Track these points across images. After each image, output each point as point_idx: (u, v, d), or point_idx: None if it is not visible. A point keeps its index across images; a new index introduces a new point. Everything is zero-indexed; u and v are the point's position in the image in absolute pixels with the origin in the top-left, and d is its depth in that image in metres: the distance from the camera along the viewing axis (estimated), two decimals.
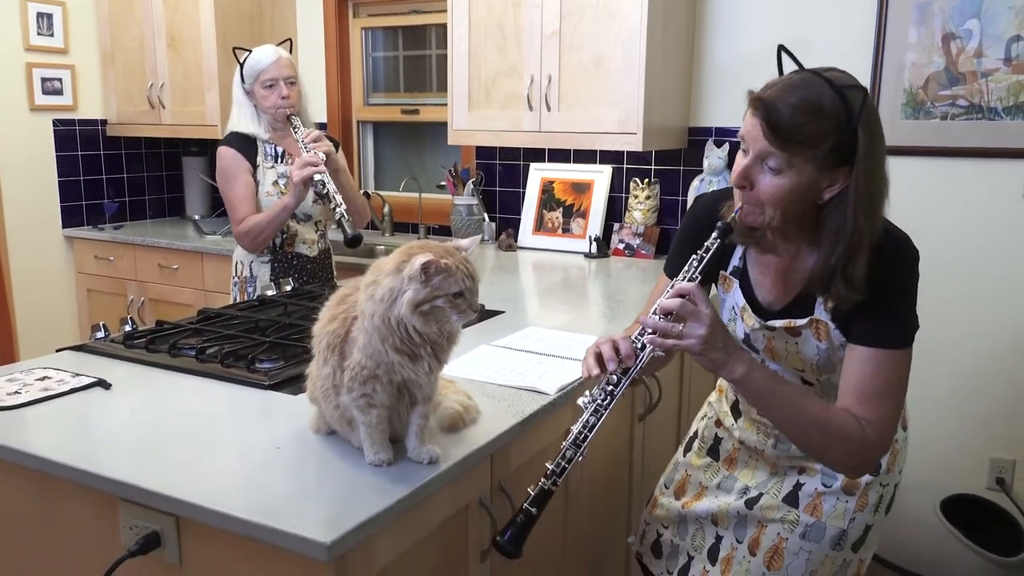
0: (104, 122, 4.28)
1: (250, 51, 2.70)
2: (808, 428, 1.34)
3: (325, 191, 2.53)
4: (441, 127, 3.55)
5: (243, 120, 2.70)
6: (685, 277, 1.35)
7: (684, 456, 1.77)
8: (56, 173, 4.12)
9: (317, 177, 2.52)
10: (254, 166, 2.67)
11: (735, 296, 1.52)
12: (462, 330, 1.32)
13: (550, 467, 1.34)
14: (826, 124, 1.24)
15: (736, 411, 1.65)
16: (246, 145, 2.67)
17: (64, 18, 4.04)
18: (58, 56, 4.06)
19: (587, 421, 1.36)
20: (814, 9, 3.00)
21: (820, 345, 1.42)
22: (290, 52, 2.74)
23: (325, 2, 4.09)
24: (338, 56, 4.13)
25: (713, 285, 1.60)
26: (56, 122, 4.09)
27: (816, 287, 1.35)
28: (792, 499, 1.53)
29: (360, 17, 4.15)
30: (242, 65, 2.68)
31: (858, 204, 1.28)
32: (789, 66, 1.34)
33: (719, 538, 1.62)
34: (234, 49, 2.76)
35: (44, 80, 4.00)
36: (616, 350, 1.35)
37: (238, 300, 2.75)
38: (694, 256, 1.37)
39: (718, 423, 1.71)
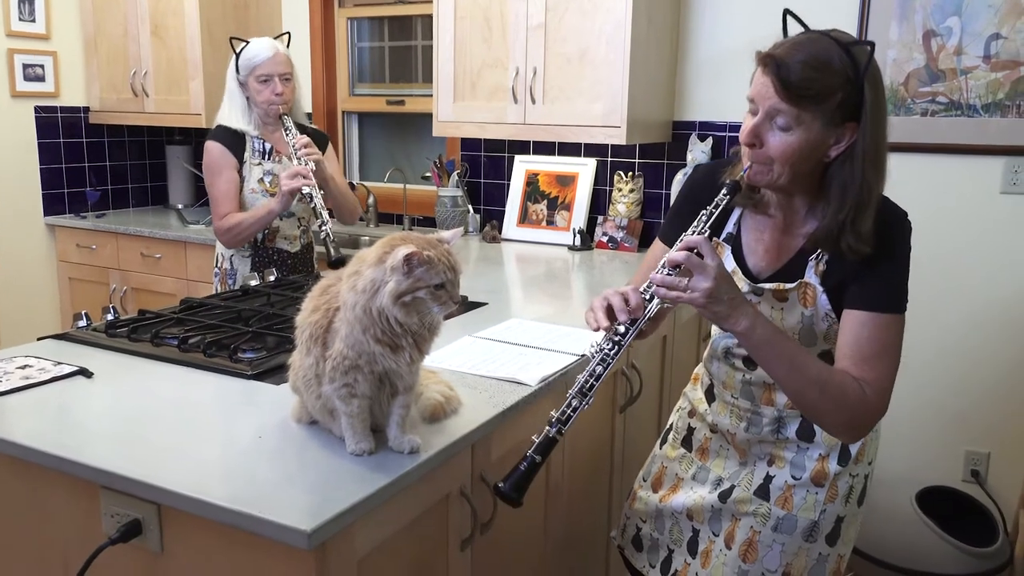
0: (87, 109, 4.25)
1: (247, 42, 2.66)
2: (807, 385, 1.35)
3: (312, 205, 2.53)
4: (426, 118, 3.55)
5: (234, 113, 2.67)
6: (694, 231, 1.38)
7: (660, 448, 1.79)
8: (38, 160, 4.09)
9: (306, 190, 2.51)
10: (240, 162, 2.66)
11: (727, 261, 1.54)
12: (444, 321, 1.33)
13: (555, 415, 1.37)
14: (835, 79, 1.28)
15: (710, 395, 1.67)
16: (234, 140, 2.66)
17: (46, 4, 4.00)
18: (40, 42, 4.02)
19: (594, 370, 1.38)
20: (797, 4, 2.99)
21: (805, 312, 1.44)
22: (288, 46, 2.72)
23: None
24: (323, 46, 4.12)
25: None
26: (38, 109, 4.05)
27: (825, 243, 1.38)
28: (763, 492, 1.55)
29: (346, 7, 4.14)
30: (238, 55, 2.65)
31: (866, 158, 1.31)
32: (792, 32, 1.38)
33: (696, 531, 1.64)
34: (231, 39, 2.73)
35: (26, 66, 3.96)
36: (626, 301, 1.38)
37: (219, 291, 2.75)
38: (703, 212, 1.40)
39: (692, 413, 1.73)
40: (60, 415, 1.48)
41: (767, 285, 1.46)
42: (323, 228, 2.51)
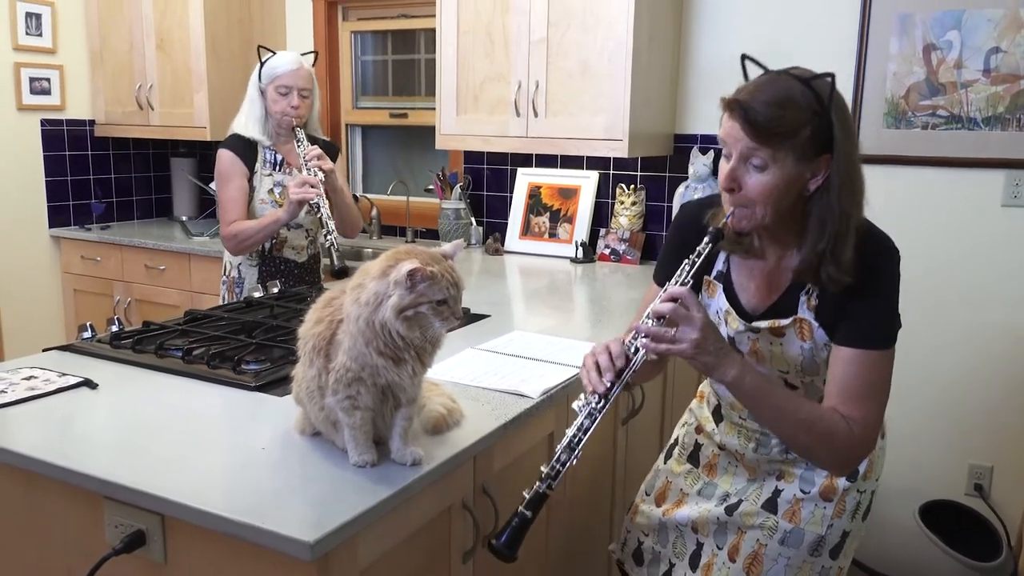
0: (92, 122, 4.28)
1: (274, 52, 2.72)
2: (795, 427, 1.38)
3: (319, 215, 2.57)
4: (429, 131, 3.57)
5: (250, 121, 2.70)
6: (677, 281, 1.38)
7: (665, 463, 1.78)
8: (43, 173, 4.11)
9: (313, 201, 2.55)
10: (251, 171, 2.69)
11: (719, 300, 1.55)
12: (447, 334, 1.34)
13: (544, 470, 1.37)
14: (801, 114, 1.29)
15: (718, 415, 1.67)
16: (246, 149, 2.69)
17: (53, 18, 4.04)
18: (47, 56, 4.05)
19: (581, 424, 1.38)
20: (798, 19, 3.03)
21: (804, 345, 1.45)
22: (313, 64, 2.77)
23: (315, 5, 4.11)
24: (327, 59, 4.14)
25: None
26: (44, 122, 4.08)
27: (806, 275, 1.39)
28: (771, 505, 1.55)
29: (349, 21, 4.17)
30: (262, 64, 2.70)
31: (841, 187, 1.32)
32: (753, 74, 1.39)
33: (700, 544, 1.64)
34: (259, 47, 2.77)
35: (32, 80, 4.00)
36: (610, 356, 1.38)
37: (226, 300, 2.78)
38: (686, 261, 1.40)
39: (699, 429, 1.73)
40: (65, 426, 1.49)
41: (762, 324, 1.47)
42: (328, 237, 2.57)
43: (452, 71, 3.31)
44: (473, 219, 3.73)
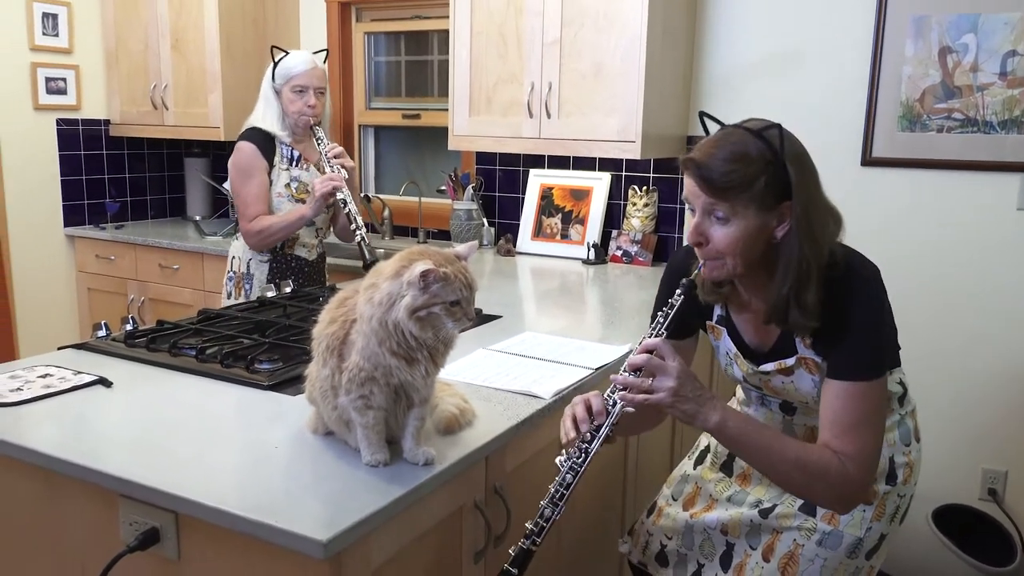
0: (107, 122, 4.31)
1: (287, 52, 2.73)
2: (788, 469, 1.39)
3: (347, 211, 2.61)
4: (442, 132, 3.58)
5: (268, 118, 2.72)
6: (652, 333, 1.41)
7: (695, 469, 1.77)
8: (59, 172, 4.14)
9: (339, 195, 2.59)
10: (270, 165, 2.71)
11: (726, 343, 1.57)
12: (460, 334, 1.34)
13: (529, 526, 1.37)
14: (754, 166, 1.32)
15: None
16: (266, 143, 2.70)
17: (69, 18, 4.07)
18: (63, 56, 4.08)
19: (564, 479, 1.39)
20: (812, 21, 3.02)
21: (815, 378, 1.46)
22: (325, 62, 2.79)
23: (328, 6, 4.12)
24: (341, 60, 4.16)
25: (703, 332, 1.65)
26: (60, 121, 4.11)
27: (775, 319, 1.40)
28: (809, 508, 1.53)
29: (363, 22, 4.18)
30: (276, 64, 2.71)
31: (801, 233, 1.35)
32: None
33: (730, 545, 1.63)
34: (272, 47, 2.79)
35: (48, 80, 4.03)
36: (589, 410, 1.40)
37: (233, 296, 2.79)
38: (659, 312, 1.44)
39: None
40: (80, 424, 1.50)
41: (769, 367, 1.49)
42: (357, 232, 2.60)
43: (465, 72, 3.31)
44: (485, 220, 3.73)
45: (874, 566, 1.58)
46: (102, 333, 2.00)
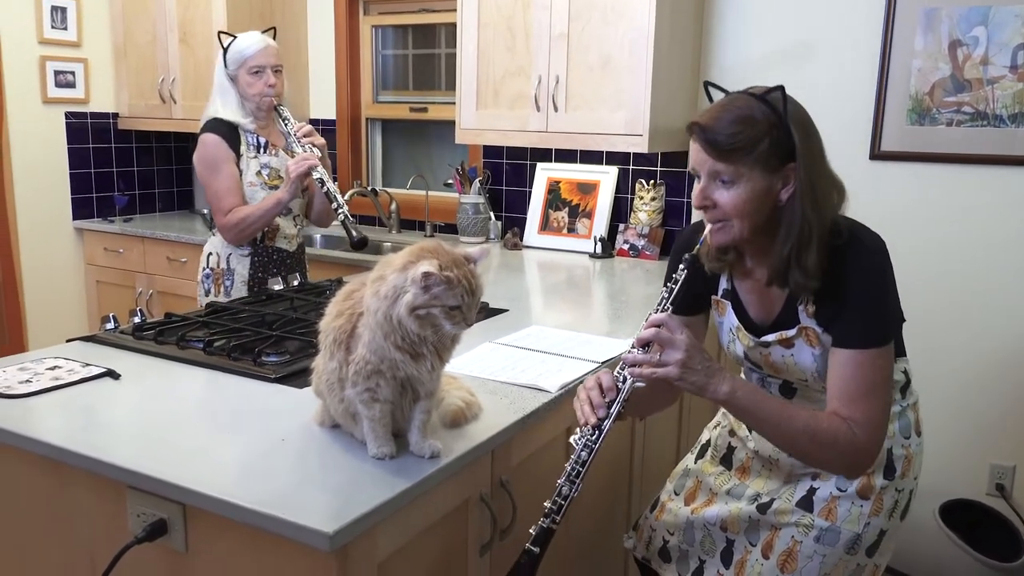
0: (115, 115, 4.32)
1: (235, 36, 2.63)
2: (797, 436, 1.39)
3: (325, 190, 2.51)
4: (449, 125, 3.57)
5: (227, 106, 2.60)
6: (657, 309, 1.42)
7: (696, 463, 1.77)
8: (68, 165, 4.16)
9: (316, 174, 2.49)
10: (237, 155, 2.60)
11: (730, 318, 1.57)
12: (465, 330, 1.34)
13: (548, 505, 1.39)
14: (758, 128, 1.35)
15: None
16: (230, 133, 2.59)
17: (78, 12, 4.08)
18: (71, 49, 4.09)
19: (579, 457, 1.40)
20: (821, 14, 3.01)
21: (814, 351, 1.46)
22: (274, 39, 2.67)
23: None
24: (348, 53, 4.16)
25: (710, 310, 1.65)
26: (68, 115, 4.13)
27: (776, 280, 1.42)
28: (806, 503, 1.54)
29: (370, 15, 4.18)
30: (226, 50, 2.61)
31: (804, 195, 1.37)
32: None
33: (730, 541, 1.63)
34: (219, 33, 2.69)
35: (57, 73, 4.04)
36: (601, 389, 1.42)
37: (212, 294, 2.68)
38: (664, 287, 1.45)
39: (732, 433, 1.72)
40: (88, 416, 1.51)
41: (770, 337, 1.49)
42: (340, 211, 2.49)
43: (472, 65, 3.31)
44: (492, 214, 3.73)
45: (879, 564, 1.57)
46: (110, 326, 2.01)
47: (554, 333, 2.12)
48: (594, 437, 1.41)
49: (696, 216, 1.58)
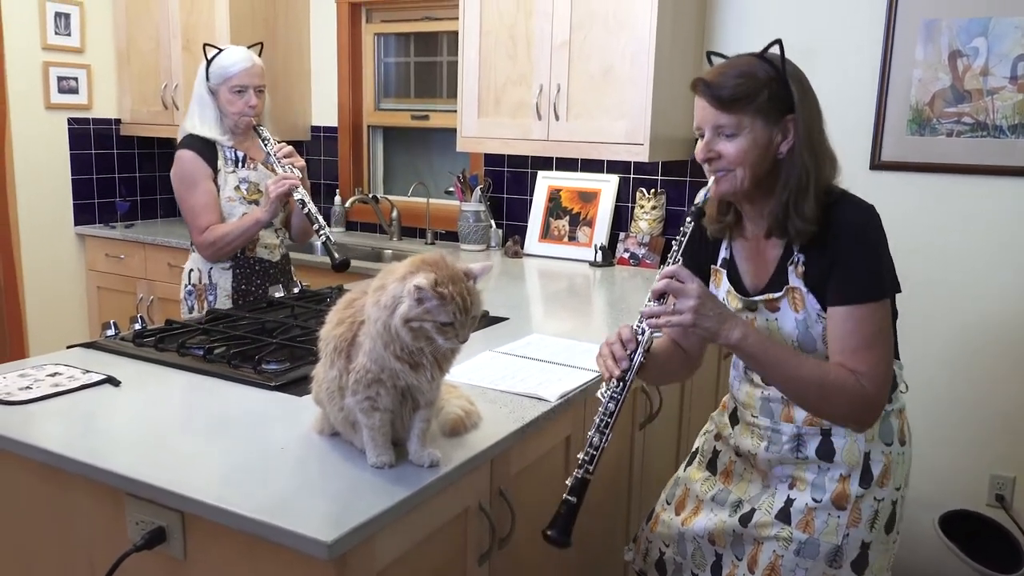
0: (118, 121, 4.33)
1: (220, 49, 2.58)
2: (806, 384, 1.42)
3: (307, 211, 2.47)
4: (450, 133, 3.58)
5: (205, 122, 2.56)
6: (669, 262, 1.47)
7: (684, 471, 1.79)
8: (70, 171, 4.17)
9: (296, 196, 2.46)
10: (215, 171, 2.56)
11: (724, 285, 1.60)
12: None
13: (581, 457, 1.43)
14: (758, 80, 1.42)
15: (734, 419, 1.68)
16: (206, 149, 2.55)
17: (81, 18, 4.09)
18: (74, 55, 4.11)
19: (607, 408, 1.45)
20: (822, 23, 3.01)
21: (797, 317, 1.48)
22: (260, 55, 2.63)
23: (339, 7, 4.13)
24: (350, 61, 4.17)
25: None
26: (71, 120, 4.14)
27: (776, 229, 1.46)
28: (784, 516, 1.54)
29: (373, 23, 4.19)
30: (209, 62, 2.56)
31: (803, 144, 1.43)
32: None
33: (719, 556, 1.64)
34: (205, 45, 2.61)
35: (60, 79, 4.05)
36: (622, 342, 1.47)
37: (196, 310, 2.62)
38: (673, 241, 1.52)
39: (718, 436, 1.73)
40: (88, 422, 1.51)
41: (758, 298, 1.53)
42: (321, 233, 2.46)
43: (474, 73, 3.32)
44: (493, 221, 3.74)
45: None
46: (111, 332, 2.01)
47: (554, 342, 2.12)
48: (619, 388, 1.45)
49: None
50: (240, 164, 2.60)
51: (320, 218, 2.49)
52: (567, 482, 1.43)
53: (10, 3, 3.82)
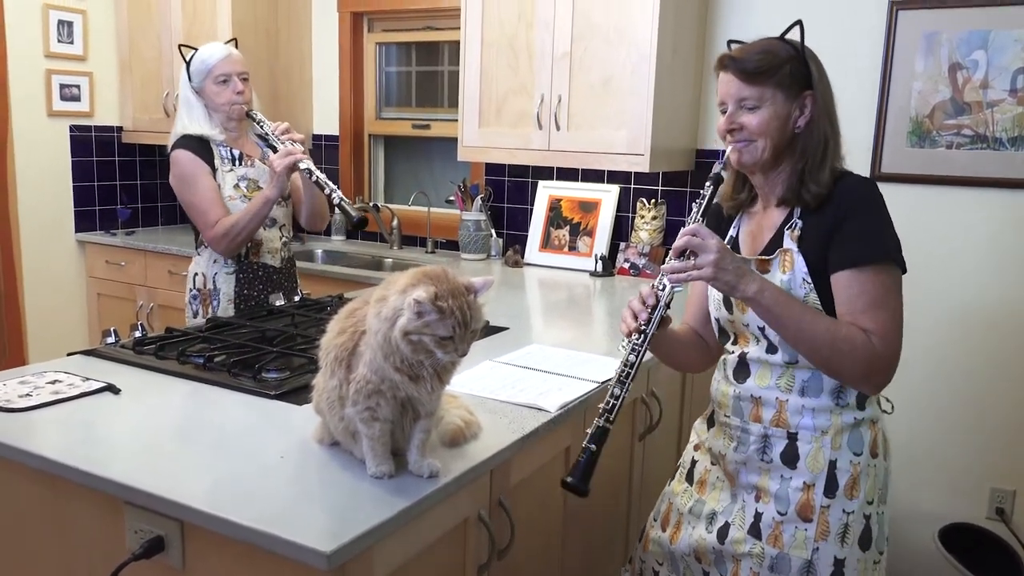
0: (120, 129, 4.34)
1: (196, 49, 2.56)
2: (818, 339, 1.44)
3: (315, 179, 2.44)
4: (451, 142, 3.59)
5: (195, 121, 2.53)
6: (688, 223, 1.51)
7: (669, 486, 1.81)
8: (71, 178, 4.17)
9: (303, 165, 2.43)
10: (212, 169, 2.53)
11: None
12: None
13: (601, 407, 1.47)
14: (780, 56, 1.52)
15: (711, 421, 1.70)
16: (201, 148, 2.52)
17: (84, 26, 4.11)
18: (77, 63, 4.12)
19: (627, 360, 1.50)
20: (822, 36, 3.01)
21: (783, 278, 1.51)
22: (236, 48, 2.61)
23: (341, 16, 4.15)
24: (352, 70, 4.18)
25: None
26: (73, 128, 4.14)
27: (790, 196, 1.53)
28: (755, 531, 1.55)
29: (375, 32, 4.20)
30: (188, 63, 2.54)
31: (822, 114, 1.52)
32: None
33: (706, 573, 1.65)
34: (180, 46, 2.60)
35: (63, 86, 4.06)
36: (642, 300, 1.54)
37: (200, 314, 2.61)
38: (693, 204, 1.58)
39: (697, 447, 1.76)
40: (87, 430, 1.51)
41: (751, 259, 1.57)
42: (333, 195, 2.42)
43: (475, 83, 3.33)
44: (493, 231, 3.74)
45: None
46: (111, 340, 2.01)
47: (554, 352, 2.12)
48: (640, 340, 1.51)
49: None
50: (237, 162, 2.57)
51: (329, 182, 2.45)
52: (587, 430, 1.46)
53: (13, 11, 3.83)
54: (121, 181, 4.39)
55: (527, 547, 1.66)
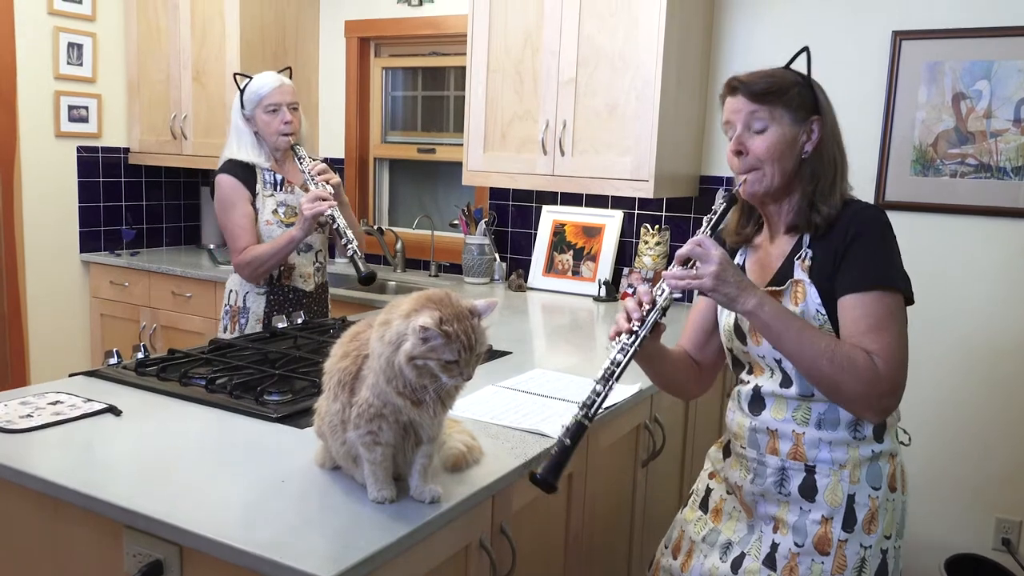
0: (127, 150, 4.36)
1: (251, 77, 2.67)
2: (817, 357, 1.42)
3: (336, 227, 2.52)
4: (456, 167, 3.61)
5: (243, 148, 2.65)
6: (697, 235, 1.50)
7: (681, 513, 1.78)
8: (77, 198, 4.19)
9: (327, 213, 2.51)
10: (253, 194, 2.65)
11: None
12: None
13: (582, 401, 1.44)
14: (787, 80, 1.54)
15: (727, 452, 1.68)
16: (245, 173, 2.64)
17: (94, 49, 4.15)
18: (86, 85, 4.15)
19: (615, 359, 1.47)
20: (826, 65, 3.02)
21: (795, 309, 1.49)
22: (290, 79, 2.71)
23: (348, 41, 4.19)
24: (358, 93, 4.21)
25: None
26: (80, 149, 4.17)
27: (799, 222, 1.53)
28: (770, 562, 1.53)
29: (381, 57, 4.24)
30: (242, 91, 2.65)
31: (830, 138, 1.53)
32: None
33: None
34: (235, 75, 2.72)
35: (71, 108, 4.09)
36: (639, 302, 1.52)
37: (228, 330, 2.72)
38: (705, 218, 1.57)
39: (712, 475, 1.73)
40: (87, 452, 1.50)
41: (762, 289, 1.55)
42: (349, 246, 2.51)
43: (481, 108, 3.35)
44: (497, 255, 3.74)
45: None
46: (113, 360, 2.01)
47: (557, 377, 2.11)
48: (630, 341, 1.48)
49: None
50: (279, 187, 2.68)
51: (349, 232, 2.53)
52: (563, 424, 1.42)
53: (25, 33, 3.87)
54: (127, 202, 4.41)
55: (529, 574, 1.64)
